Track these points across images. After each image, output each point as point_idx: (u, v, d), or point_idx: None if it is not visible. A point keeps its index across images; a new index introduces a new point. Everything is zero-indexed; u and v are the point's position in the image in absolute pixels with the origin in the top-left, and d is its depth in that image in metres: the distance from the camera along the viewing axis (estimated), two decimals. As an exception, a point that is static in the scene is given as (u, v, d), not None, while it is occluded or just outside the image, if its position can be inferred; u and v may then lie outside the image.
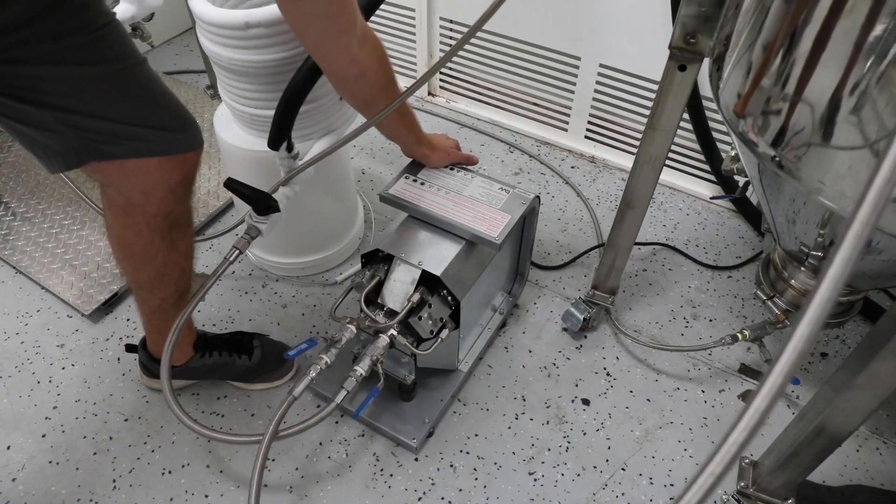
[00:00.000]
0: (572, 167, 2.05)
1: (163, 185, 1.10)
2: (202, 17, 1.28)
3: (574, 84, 1.97)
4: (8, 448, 1.39)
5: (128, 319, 1.63)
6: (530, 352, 1.57)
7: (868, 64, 0.81)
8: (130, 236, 1.18)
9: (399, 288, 1.28)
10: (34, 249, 1.75)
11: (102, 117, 0.99)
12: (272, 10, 1.23)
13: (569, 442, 1.41)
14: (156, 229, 1.16)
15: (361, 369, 1.23)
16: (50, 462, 1.37)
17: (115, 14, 0.99)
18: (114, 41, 0.97)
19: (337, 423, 1.43)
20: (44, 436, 1.41)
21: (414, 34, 2.17)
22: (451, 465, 1.37)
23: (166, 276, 1.25)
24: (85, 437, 1.41)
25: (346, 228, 1.74)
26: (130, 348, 1.46)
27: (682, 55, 1.06)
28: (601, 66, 1.88)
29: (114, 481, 1.34)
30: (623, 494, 1.33)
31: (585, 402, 1.48)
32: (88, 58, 0.94)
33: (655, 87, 1.14)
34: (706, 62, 1.09)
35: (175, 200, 1.15)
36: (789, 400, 1.48)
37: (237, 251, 1.28)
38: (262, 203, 1.25)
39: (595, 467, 1.37)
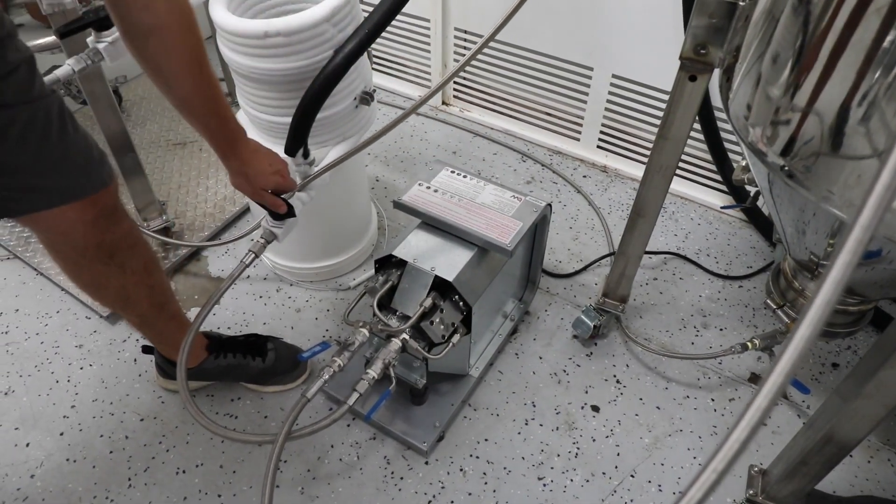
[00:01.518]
0: (584, 176, 2.07)
1: (80, 223, 1.06)
2: (222, 26, 1.31)
3: (587, 94, 1.99)
4: (27, 445, 1.42)
5: (145, 321, 1.66)
6: (541, 358, 1.58)
7: (876, 74, 0.82)
8: (70, 268, 1.16)
9: (412, 293, 1.29)
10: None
11: (14, 169, 0.95)
12: (291, 20, 1.26)
13: (578, 448, 1.42)
14: (93, 259, 1.13)
15: (374, 372, 1.25)
16: (67, 460, 1.40)
17: (30, 49, 0.93)
18: (28, 80, 0.91)
19: (349, 425, 1.45)
20: (62, 434, 1.44)
21: (429, 44, 2.19)
22: (461, 470, 1.38)
23: (131, 297, 1.23)
24: (102, 436, 1.43)
25: (359, 235, 1.77)
26: (147, 349, 1.48)
27: (693, 66, 1.07)
28: (613, 76, 1.90)
29: (129, 480, 1.37)
30: (632, 501, 1.34)
31: (595, 408, 1.49)
32: (6, 100, 0.88)
33: (667, 97, 1.16)
34: (716, 73, 1.11)
35: (99, 232, 1.10)
36: (799, 410, 1.48)
37: (253, 255, 1.30)
38: (279, 208, 1.28)
39: (604, 474, 1.38)
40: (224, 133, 1.11)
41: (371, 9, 1.19)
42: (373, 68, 2.40)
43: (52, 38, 1.39)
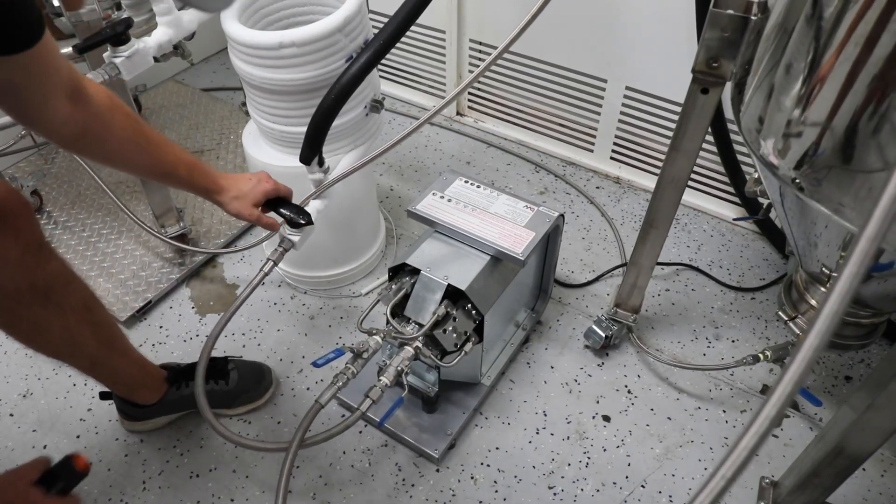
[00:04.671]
0: (597, 187, 2.07)
1: (6, 263, 0.99)
2: (236, 38, 1.33)
3: (600, 106, 2.00)
4: (44, 447, 1.44)
5: (160, 326, 1.68)
6: (552, 367, 1.59)
7: (888, 87, 0.83)
8: (6, 319, 1.07)
9: (425, 301, 1.31)
10: (73, 257, 1.81)
11: None
12: (305, 31, 1.28)
13: (589, 458, 1.42)
14: (30, 303, 1.05)
15: (386, 379, 1.26)
16: (84, 462, 1.42)
17: None
18: None
19: (361, 432, 1.46)
20: (78, 436, 1.46)
21: (444, 55, 2.22)
22: (472, 477, 1.39)
23: (77, 339, 1.17)
24: (117, 440, 1.45)
25: (369, 243, 1.78)
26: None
27: (705, 79, 1.08)
28: (627, 88, 1.91)
29: (143, 483, 1.38)
30: (642, 511, 1.34)
31: (606, 418, 1.49)
32: None
33: (680, 109, 1.17)
34: (728, 86, 1.12)
35: (29, 270, 1.02)
36: (812, 422, 1.47)
37: (272, 263, 1.32)
38: (296, 216, 1.30)
39: (615, 483, 1.38)
40: (196, 173, 1.19)
41: (380, 18, 1.21)
42: (388, 79, 2.42)
43: (68, 50, 1.41)
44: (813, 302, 1.29)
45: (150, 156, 1.11)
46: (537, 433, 1.46)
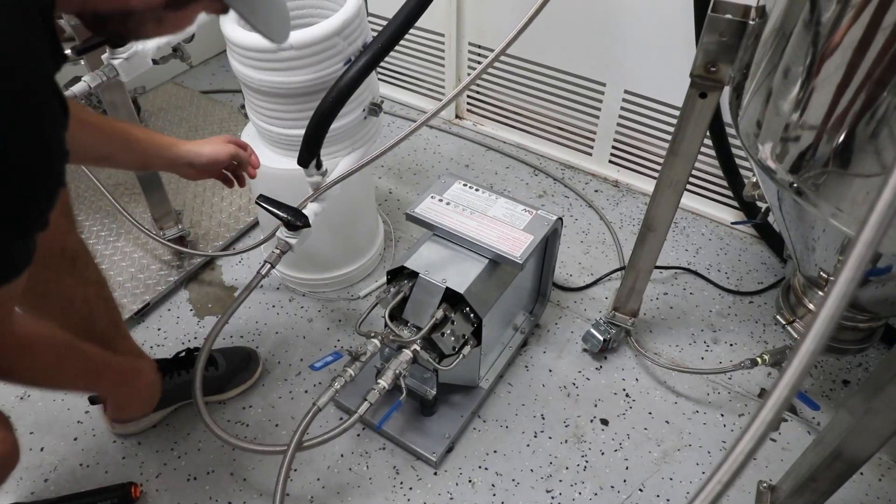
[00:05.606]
0: (596, 191, 2.08)
1: None
2: (234, 41, 1.34)
3: (599, 109, 2.00)
4: (41, 450, 1.44)
5: (158, 329, 1.68)
6: (550, 371, 1.59)
7: (885, 92, 0.83)
8: (40, 287, 1.08)
9: (423, 304, 1.31)
10: (72, 259, 1.81)
11: None
12: (303, 34, 1.28)
13: (587, 461, 1.42)
14: (59, 269, 1.09)
15: (384, 382, 1.26)
16: (80, 465, 1.41)
17: None
18: None
19: (359, 435, 1.46)
20: (75, 439, 1.46)
21: (443, 59, 2.22)
22: (470, 481, 1.39)
23: (94, 312, 1.21)
24: (115, 442, 1.45)
25: (367, 245, 1.78)
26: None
27: (703, 83, 1.09)
28: (626, 92, 1.91)
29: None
30: (640, 515, 1.34)
31: (604, 422, 1.49)
32: None
33: (678, 113, 1.17)
34: (727, 90, 1.12)
35: (62, 234, 1.06)
36: (809, 426, 1.47)
37: (269, 265, 1.32)
38: (293, 219, 1.30)
39: (612, 487, 1.38)
40: (151, 131, 1.19)
41: (379, 21, 1.21)
42: (387, 82, 2.42)
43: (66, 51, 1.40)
44: (811, 306, 1.29)
45: (93, 124, 1.07)
46: (535, 437, 1.46)
